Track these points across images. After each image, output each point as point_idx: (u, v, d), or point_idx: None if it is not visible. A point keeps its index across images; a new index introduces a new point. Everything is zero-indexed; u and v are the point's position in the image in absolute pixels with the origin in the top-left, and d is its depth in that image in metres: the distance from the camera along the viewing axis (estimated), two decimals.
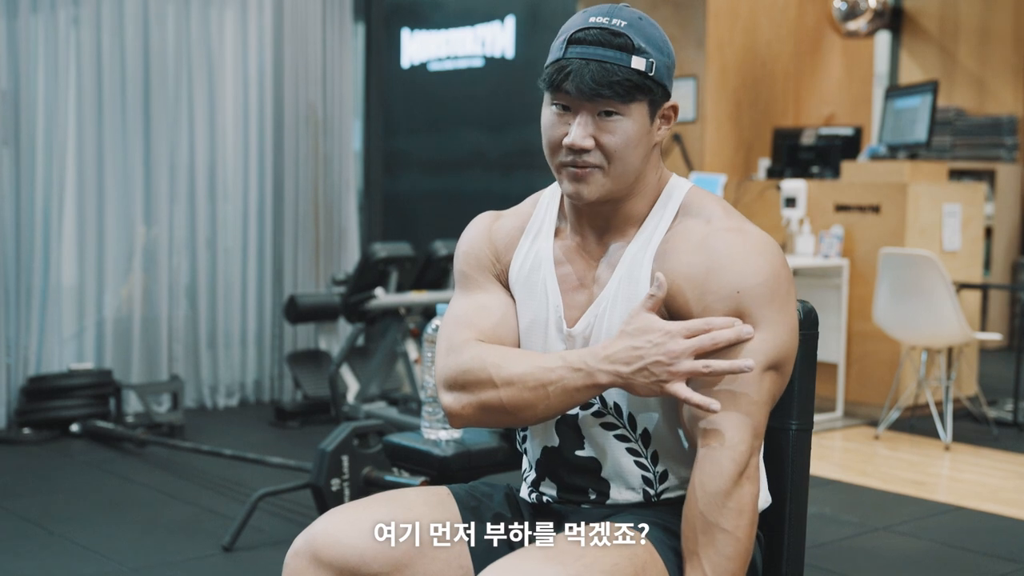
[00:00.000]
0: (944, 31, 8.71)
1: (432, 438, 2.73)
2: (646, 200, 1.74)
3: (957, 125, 8.47)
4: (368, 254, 5.44)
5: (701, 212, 1.71)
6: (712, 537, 1.59)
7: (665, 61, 1.67)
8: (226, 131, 6.07)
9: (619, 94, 1.63)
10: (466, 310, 1.79)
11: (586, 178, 1.68)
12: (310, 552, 1.67)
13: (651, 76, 1.64)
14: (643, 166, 1.70)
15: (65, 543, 3.76)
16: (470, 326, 1.76)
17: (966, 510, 4.32)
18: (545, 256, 1.78)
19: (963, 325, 5.16)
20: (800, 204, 5.91)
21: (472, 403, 1.69)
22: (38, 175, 5.50)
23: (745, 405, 1.61)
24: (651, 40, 1.66)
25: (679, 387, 1.59)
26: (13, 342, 5.46)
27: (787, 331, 1.65)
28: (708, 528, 1.59)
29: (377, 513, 1.69)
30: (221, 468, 4.68)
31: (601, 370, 1.61)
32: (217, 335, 6.09)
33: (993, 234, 8.11)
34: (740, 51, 7.03)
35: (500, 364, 1.68)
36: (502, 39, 7.74)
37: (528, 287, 1.79)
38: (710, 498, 1.59)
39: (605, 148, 1.66)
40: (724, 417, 1.60)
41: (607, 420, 1.73)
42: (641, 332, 1.60)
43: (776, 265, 1.65)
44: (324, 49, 6.35)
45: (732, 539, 1.58)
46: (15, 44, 5.41)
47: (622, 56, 1.63)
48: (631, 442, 1.73)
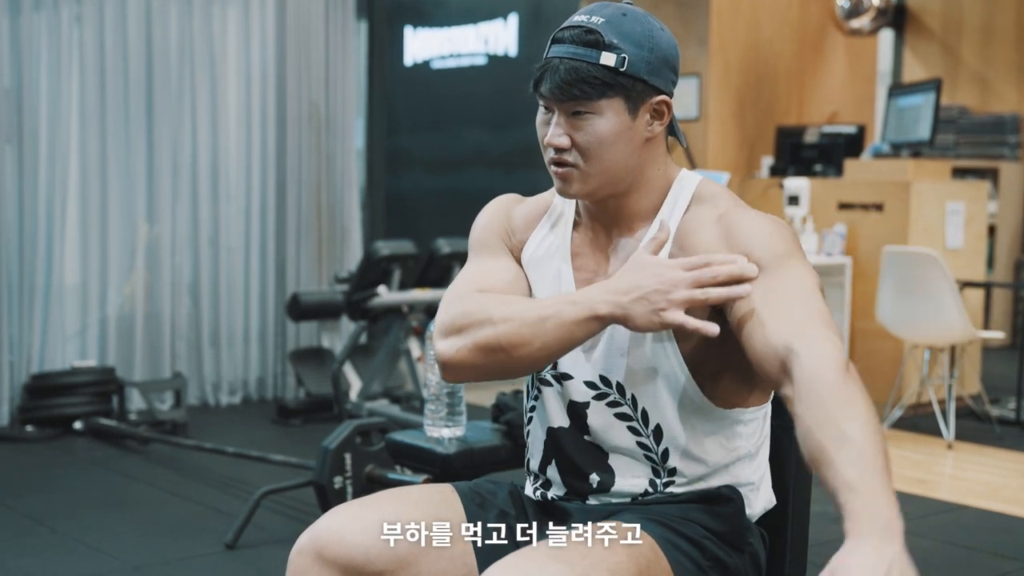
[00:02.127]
0: (947, 29, 8.69)
1: (435, 436, 2.73)
2: (652, 196, 1.74)
3: (960, 123, 8.45)
4: (370, 252, 5.44)
5: (713, 200, 1.72)
6: (849, 399, 1.46)
7: (644, 56, 1.65)
8: (229, 129, 6.07)
9: (586, 92, 1.63)
10: (477, 271, 1.79)
11: (566, 176, 1.69)
12: (314, 550, 1.67)
13: (623, 72, 1.63)
14: (632, 162, 1.69)
15: (68, 540, 3.77)
16: (476, 284, 1.75)
17: (969, 508, 4.32)
18: (562, 244, 1.79)
19: (966, 323, 5.15)
20: (803, 202, 5.90)
21: (467, 345, 1.66)
22: (41, 173, 5.50)
23: (819, 314, 1.57)
24: (627, 35, 1.64)
25: (677, 314, 1.56)
26: (16, 339, 5.46)
27: (812, 272, 1.64)
28: (837, 401, 1.46)
29: (382, 511, 1.69)
30: (223, 466, 4.68)
31: (599, 300, 1.60)
32: (220, 333, 6.09)
33: (996, 232, 8.10)
34: (743, 49, 7.03)
35: (500, 304, 1.67)
36: (505, 37, 7.73)
37: (541, 271, 1.80)
38: (831, 380, 1.48)
39: (578, 146, 1.67)
40: (807, 321, 1.55)
41: (621, 411, 1.72)
42: (640, 267, 1.60)
43: (785, 230, 1.67)
44: (327, 47, 6.35)
45: (865, 402, 1.48)
46: (18, 42, 5.42)
47: (591, 53, 1.63)
48: (642, 436, 1.72)
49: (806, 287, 1.59)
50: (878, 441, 1.41)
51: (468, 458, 2.67)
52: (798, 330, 1.53)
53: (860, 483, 1.36)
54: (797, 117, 7.46)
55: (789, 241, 1.65)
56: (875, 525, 1.33)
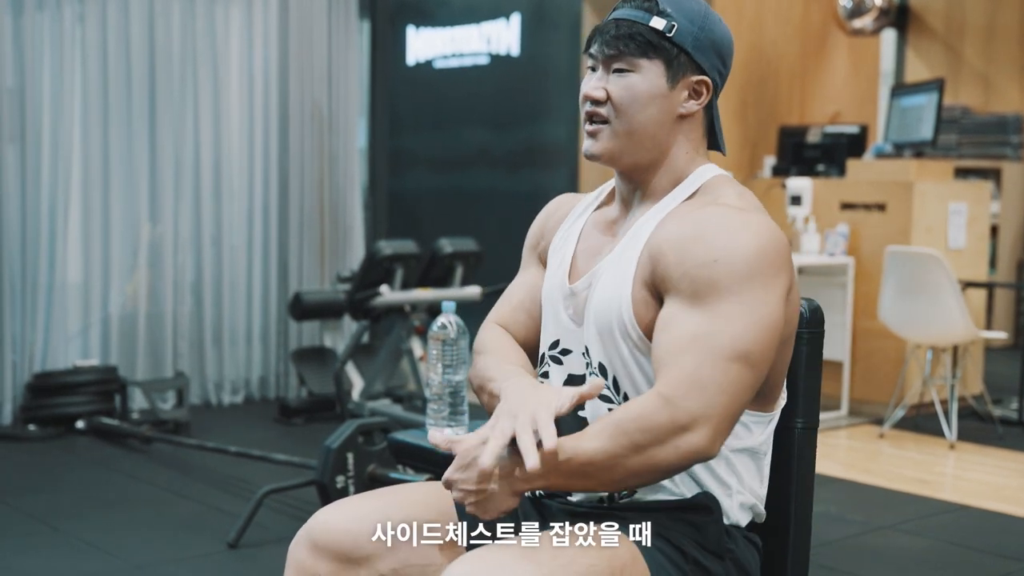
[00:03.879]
0: (950, 29, 8.69)
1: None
2: (670, 177, 1.75)
3: (963, 123, 8.45)
4: (373, 251, 5.44)
5: (715, 192, 1.72)
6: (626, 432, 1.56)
7: (694, 31, 1.70)
8: (231, 128, 6.07)
9: (630, 48, 1.69)
10: (511, 287, 1.99)
11: (596, 134, 1.74)
12: (308, 540, 1.75)
13: (668, 37, 1.69)
14: (661, 132, 1.72)
15: (70, 540, 3.77)
16: (504, 301, 1.97)
17: (971, 509, 4.31)
18: (576, 230, 1.85)
19: (968, 323, 5.15)
20: (805, 202, 5.90)
21: (470, 375, 1.91)
22: (44, 172, 5.50)
23: (699, 391, 1.54)
24: (682, 8, 1.71)
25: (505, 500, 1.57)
26: (19, 338, 5.47)
27: (763, 319, 1.58)
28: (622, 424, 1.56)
29: (370, 502, 1.76)
30: (226, 465, 4.69)
31: (496, 412, 1.60)
32: (222, 332, 6.09)
33: (999, 232, 8.10)
34: (746, 49, 7.02)
35: (496, 364, 1.83)
36: (508, 37, 7.73)
37: (556, 259, 1.86)
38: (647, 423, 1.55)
39: (613, 101, 1.71)
40: (677, 400, 1.54)
41: (604, 393, 1.73)
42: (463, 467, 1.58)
43: (765, 246, 1.60)
44: (329, 47, 6.35)
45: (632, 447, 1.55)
46: (21, 41, 5.42)
47: (643, 15, 1.70)
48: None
49: (723, 347, 1.56)
50: (601, 449, 1.54)
51: None
52: (672, 375, 1.56)
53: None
54: (800, 117, 7.46)
55: (755, 263, 1.58)
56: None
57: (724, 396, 1.55)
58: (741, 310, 1.57)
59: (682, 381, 1.55)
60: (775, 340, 1.61)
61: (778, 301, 1.60)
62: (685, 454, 1.55)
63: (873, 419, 5.77)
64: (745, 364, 1.56)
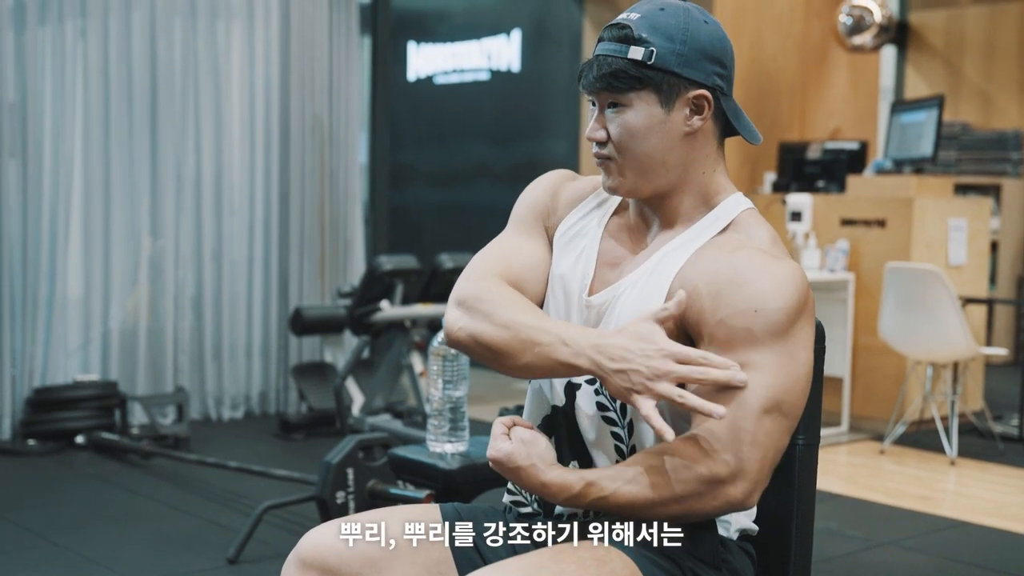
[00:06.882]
0: (950, 46, 8.72)
1: (437, 451, 2.73)
2: (695, 199, 1.74)
3: (963, 140, 8.47)
4: (373, 267, 5.45)
5: (748, 232, 1.70)
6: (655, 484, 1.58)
7: (676, 48, 1.67)
8: (232, 143, 6.08)
9: (615, 86, 1.67)
10: (506, 245, 1.84)
11: (606, 169, 1.73)
12: (297, 558, 1.76)
13: (651, 65, 1.66)
14: (671, 158, 1.70)
15: (70, 555, 3.76)
16: (502, 259, 1.80)
17: (971, 525, 4.31)
18: (597, 225, 1.81)
19: (968, 340, 5.15)
20: (806, 218, 5.91)
21: (467, 328, 1.69)
22: (45, 187, 5.51)
23: (737, 444, 1.56)
24: (660, 29, 1.67)
25: (646, 403, 1.54)
26: (19, 353, 5.47)
27: (797, 368, 1.60)
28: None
29: (359, 519, 1.75)
30: (226, 480, 4.68)
31: (586, 355, 1.59)
32: (222, 347, 6.09)
33: (999, 249, 8.10)
34: (746, 65, 7.04)
35: (507, 306, 1.68)
36: (508, 53, 7.75)
37: (568, 249, 1.81)
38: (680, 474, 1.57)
39: (613, 140, 1.70)
40: (715, 453, 1.56)
41: (600, 400, 1.73)
42: (638, 338, 1.57)
43: (803, 299, 1.61)
44: (330, 62, 6.36)
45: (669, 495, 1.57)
46: (23, 56, 5.43)
47: (620, 48, 1.67)
48: (617, 427, 1.72)
49: (760, 399, 1.57)
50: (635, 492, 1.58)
51: (471, 473, 2.67)
52: (710, 426, 1.57)
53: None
54: (800, 133, 7.47)
55: (795, 315, 1.60)
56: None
57: (761, 449, 1.57)
58: (778, 360, 1.59)
59: (721, 434, 1.57)
60: (807, 388, 1.63)
61: (808, 349, 1.63)
62: (722, 506, 1.59)
63: (874, 435, 5.76)
64: (780, 414, 1.59)
